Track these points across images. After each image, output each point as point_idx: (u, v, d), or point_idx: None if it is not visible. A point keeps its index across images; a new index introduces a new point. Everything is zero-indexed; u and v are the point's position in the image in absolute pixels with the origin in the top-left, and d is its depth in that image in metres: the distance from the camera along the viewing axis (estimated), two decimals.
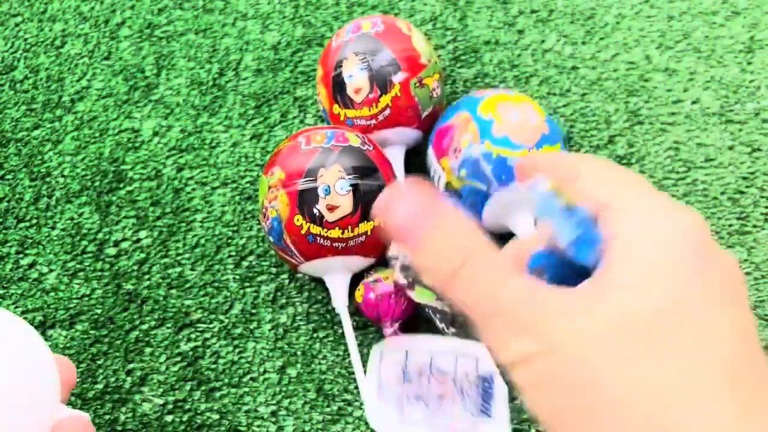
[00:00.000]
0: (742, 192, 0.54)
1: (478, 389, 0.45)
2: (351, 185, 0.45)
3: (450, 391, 0.45)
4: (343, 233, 0.45)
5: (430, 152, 0.50)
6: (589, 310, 0.21)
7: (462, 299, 0.23)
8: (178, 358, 0.49)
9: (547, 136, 0.47)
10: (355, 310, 0.49)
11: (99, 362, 0.49)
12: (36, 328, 0.51)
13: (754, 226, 0.53)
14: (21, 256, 0.54)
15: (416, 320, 0.49)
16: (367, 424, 0.46)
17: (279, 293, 0.51)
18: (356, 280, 0.49)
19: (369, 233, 0.46)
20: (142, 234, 0.54)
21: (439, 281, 0.23)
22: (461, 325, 0.47)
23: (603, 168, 0.26)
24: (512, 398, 0.45)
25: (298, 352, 0.49)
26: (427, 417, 0.44)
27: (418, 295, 0.46)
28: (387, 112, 0.50)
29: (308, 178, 0.45)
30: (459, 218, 0.23)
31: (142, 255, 0.53)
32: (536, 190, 0.25)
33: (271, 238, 0.47)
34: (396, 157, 0.52)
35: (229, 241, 0.53)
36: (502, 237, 0.48)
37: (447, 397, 0.45)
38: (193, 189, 0.56)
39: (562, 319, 0.21)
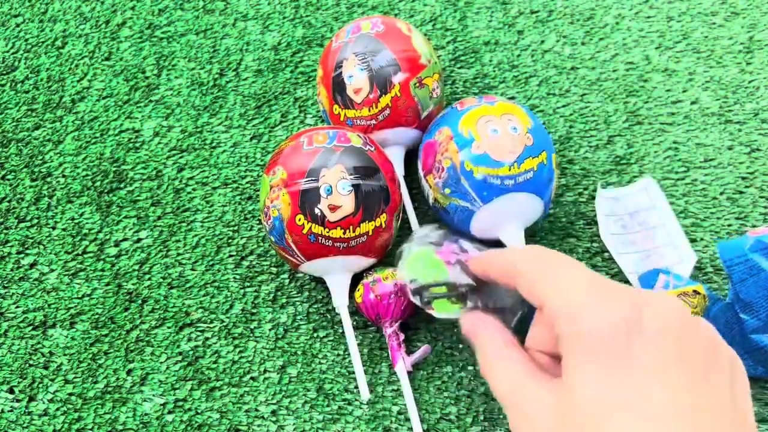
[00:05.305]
0: (741, 192, 0.54)
1: None
2: (353, 185, 0.45)
3: None
4: (344, 233, 0.45)
5: (419, 167, 0.51)
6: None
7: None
8: (179, 358, 0.49)
9: (531, 147, 0.46)
10: (355, 310, 0.49)
11: (99, 362, 0.49)
12: (37, 327, 0.51)
13: (753, 226, 0.53)
14: (22, 255, 0.54)
15: (416, 320, 0.49)
16: (366, 423, 0.46)
17: (279, 293, 0.51)
18: (356, 279, 0.49)
19: (370, 233, 0.46)
20: (143, 234, 0.54)
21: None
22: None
23: (536, 268, 0.30)
24: None
25: (299, 352, 0.49)
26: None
27: (438, 311, 0.46)
28: (387, 112, 0.50)
29: (310, 178, 0.45)
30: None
31: (143, 255, 0.53)
32: None
33: (272, 238, 0.47)
34: (396, 157, 0.53)
35: (230, 241, 0.53)
36: (492, 245, 0.48)
37: None
38: (194, 189, 0.56)
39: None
